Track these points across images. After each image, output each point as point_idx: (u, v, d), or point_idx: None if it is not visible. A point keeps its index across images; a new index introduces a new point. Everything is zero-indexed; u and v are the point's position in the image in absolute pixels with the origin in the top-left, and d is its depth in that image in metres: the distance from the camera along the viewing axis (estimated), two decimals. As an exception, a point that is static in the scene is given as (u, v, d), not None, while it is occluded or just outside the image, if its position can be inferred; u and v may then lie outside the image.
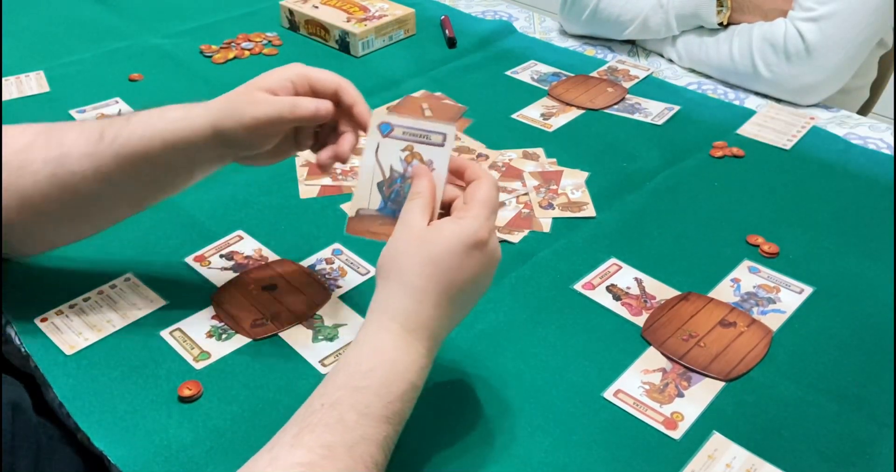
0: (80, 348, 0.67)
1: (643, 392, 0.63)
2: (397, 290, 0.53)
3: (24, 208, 0.64)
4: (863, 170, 0.91)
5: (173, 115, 0.63)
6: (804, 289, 0.73)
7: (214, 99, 0.63)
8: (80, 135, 0.63)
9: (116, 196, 0.66)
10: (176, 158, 0.63)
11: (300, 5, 1.23)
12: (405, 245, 0.54)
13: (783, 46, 1.00)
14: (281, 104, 0.60)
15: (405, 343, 0.52)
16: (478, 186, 0.56)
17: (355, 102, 0.62)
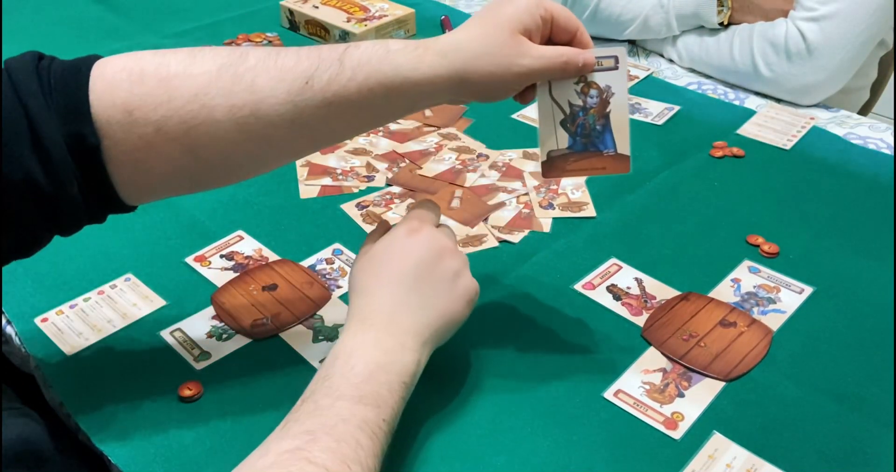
0: (80, 348, 0.67)
1: (643, 392, 0.63)
2: (353, 297, 0.59)
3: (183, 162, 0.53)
4: (863, 170, 0.91)
5: (402, 61, 0.53)
6: (804, 289, 0.73)
7: (451, 39, 0.54)
8: (279, 82, 0.52)
9: (314, 141, 0.58)
10: (400, 106, 0.56)
11: (300, 5, 1.23)
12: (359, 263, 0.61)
13: (784, 46, 1.00)
14: (551, 62, 0.55)
15: (360, 331, 0.56)
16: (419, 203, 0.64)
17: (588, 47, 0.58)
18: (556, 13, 0.56)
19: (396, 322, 0.56)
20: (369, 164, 0.92)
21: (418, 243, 0.58)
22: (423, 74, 0.53)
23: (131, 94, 0.51)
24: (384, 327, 0.55)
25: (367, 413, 0.51)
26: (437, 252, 0.58)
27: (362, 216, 0.83)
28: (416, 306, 0.57)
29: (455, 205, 0.85)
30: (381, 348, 0.54)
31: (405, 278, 0.57)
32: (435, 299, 0.57)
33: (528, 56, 0.54)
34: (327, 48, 0.54)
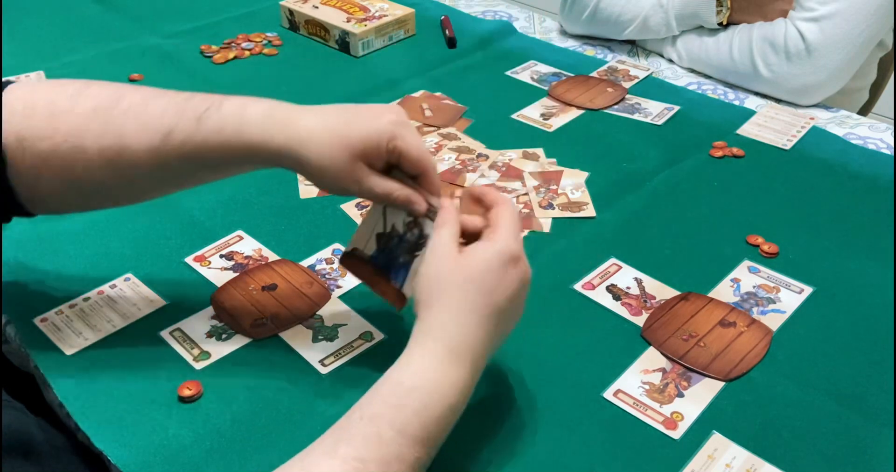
0: (81, 349, 0.67)
1: (643, 392, 0.63)
2: (440, 313, 0.53)
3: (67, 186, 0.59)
4: (863, 170, 0.91)
5: (252, 135, 0.58)
6: (804, 289, 0.73)
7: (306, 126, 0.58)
8: (143, 131, 0.57)
9: (173, 184, 0.63)
10: (253, 166, 0.62)
11: (300, 5, 1.23)
12: (443, 270, 0.54)
13: (783, 46, 1.00)
14: (379, 189, 0.57)
15: (448, 365, 0.52)
16: (500, 210, 0.58)
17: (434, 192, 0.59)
18: (406, 151, 0.57)
19: (480, 360, 0.54)
20: (369, 164, 0.92)
21: (517, 276, 0.55)
22: (270, 153, 0.58)
23: (22, 124, 0.57)
24: (470, 367, 0.53)
25: (422, 454, 0.49)
26: (526, 284, 0.57)
27: (362, 216, 0.83)
28: (497, 341, 0.56)
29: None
30: (463, 391, 0.52)
31: (499, 315, 0.54)
32: (509, 327, 0.57)
33: (358, 183, 0.57)
34: (194, 103, 0.58)
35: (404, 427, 0.49)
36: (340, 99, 1.06)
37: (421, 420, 0.49)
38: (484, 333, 0.53)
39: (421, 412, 0.50)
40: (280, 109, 0.60)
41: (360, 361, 0.66)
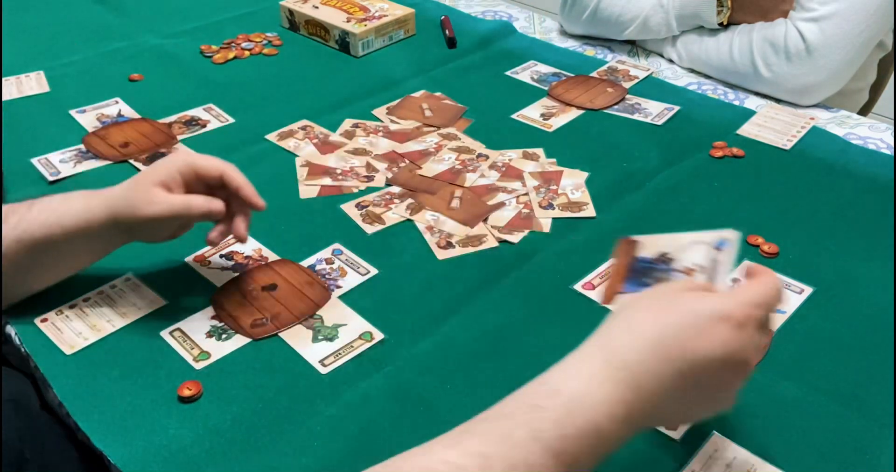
0: (80, 348, 0.67)
1: (643, 392, 0.63)
2: (617, 322, 0.49)
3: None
4: (863, 170, 0.91)
5: (74, 205, 0.66)
6: (804, 289, 0.73)
7: (113, 189, 0.67)
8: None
9: (19, 275, 0.67)
10: (76, 245, 0.67)
11: (300, 5, 1.23)
12: (657, 294, 0.50)
13: (784, 46, 1.00)
14: (176, 204, 0.65)
15: (605, 379, 0.46)
16: (757, 277, 0.51)
17: (240, 186, 0.66)
18: (199, 164, 0.67)
19: (642, 402, 0.46)
20: (369, 164, 0.92)
21: (736, 343, 0.46)
22: (88, 216, 0.65)
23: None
24: (627, 394, 0.46)
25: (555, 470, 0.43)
26: (741, 363, 0.47)
27: (362, 216, 0.83)
28: (679, 400, 0.47)
29: (455, 205, 0.85)
30: (611, 415, 0.45)
31: (685, 367, 0.46)
32: (700, 402, 0.49)
33: (158, 203, 0.64)
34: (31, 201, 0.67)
35: (539, 433, 0.43)
36: (340, 99, 1.07)
37: (558, 430, 0.44)
38: (659, 373, 0.46)
39: (560, 421, 0.44)
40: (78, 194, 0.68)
41: (360, 361, 0.66)
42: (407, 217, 0.83)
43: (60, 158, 0.92)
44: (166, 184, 0.66)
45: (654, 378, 0.46)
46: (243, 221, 0.69)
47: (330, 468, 0.57)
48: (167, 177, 0.66)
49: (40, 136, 0.97)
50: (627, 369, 0.46)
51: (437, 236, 0.80)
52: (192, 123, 1.00)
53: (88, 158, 0.92)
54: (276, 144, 0.96)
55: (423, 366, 0.66)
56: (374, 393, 0.63)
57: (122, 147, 0.94)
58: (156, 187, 0.65)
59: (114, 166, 0.91)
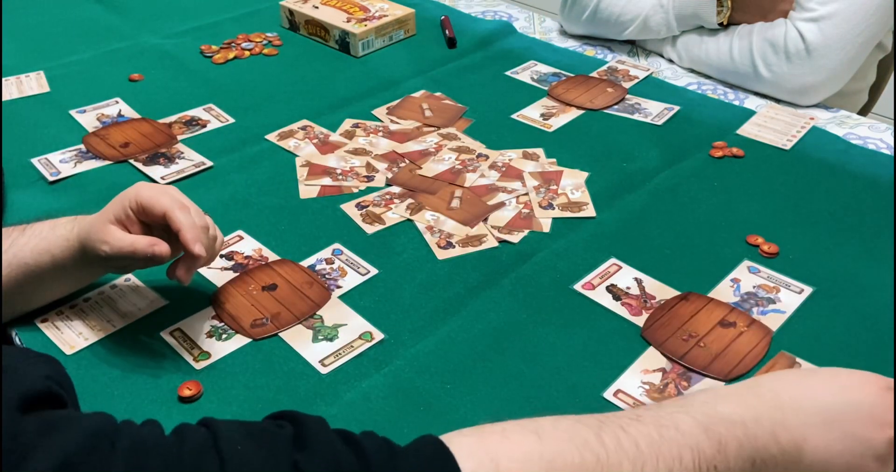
0: (80, 348, 0.67)
1: (643, 392, 0.63)
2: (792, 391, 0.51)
3: None
4: (863, 170, 0.91)
5: (61, 232, 0.66)
6: (804, 289, 0.73)
7: (87, 219, 0.66)
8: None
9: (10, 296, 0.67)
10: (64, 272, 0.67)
11: (300, 5, 1.23)
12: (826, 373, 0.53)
13: (783, 47, 1.00)
14: (122, 244, 0.63)
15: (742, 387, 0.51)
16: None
17: (180, 229, 0.62)
18: (144, 202, 0.64)
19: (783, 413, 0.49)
20: (369, 164, 0.92)
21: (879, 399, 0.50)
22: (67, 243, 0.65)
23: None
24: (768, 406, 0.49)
25: (704, 443, 0.46)
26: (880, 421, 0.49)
27: (362, 216, 0.83)
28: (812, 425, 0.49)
29: (455, 205, 0.85)
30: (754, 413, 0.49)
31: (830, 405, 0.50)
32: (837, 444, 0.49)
33: (106, 243, 0.63)
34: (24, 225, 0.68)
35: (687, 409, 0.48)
36: (340, 99, 1.07)
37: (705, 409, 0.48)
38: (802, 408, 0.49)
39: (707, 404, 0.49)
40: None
41: (360, 361, 0.66)
42: (407, 217, 0.83)
43: (60, 158, 0.92)
44: (121, 221, 0.64)
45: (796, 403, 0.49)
46: (185, 263, 0.64)
47: (330, 468, 0.57)
48: (121, 214, 0.64)
49: (40, 136, 0.97)
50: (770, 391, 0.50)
51: (437, 235, 0.80)
52: (192, 123, 1.00)
53: (88, 158, 0.92)
54: (276, 144, 0.96)
55: (423, 366, 0.66)
56: (374, 393, 0.63)
57: (122, 147, 0.94)
58: (111, 225, 0.64)
59: (114, 166, 0.91)
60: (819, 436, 0.49)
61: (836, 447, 0.49)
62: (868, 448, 0.49)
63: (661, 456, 0.45)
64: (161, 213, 0.63)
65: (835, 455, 0.49)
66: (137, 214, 0.64)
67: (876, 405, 0.49)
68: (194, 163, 0.91)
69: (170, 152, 0.93)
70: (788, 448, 0.48)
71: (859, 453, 0.49)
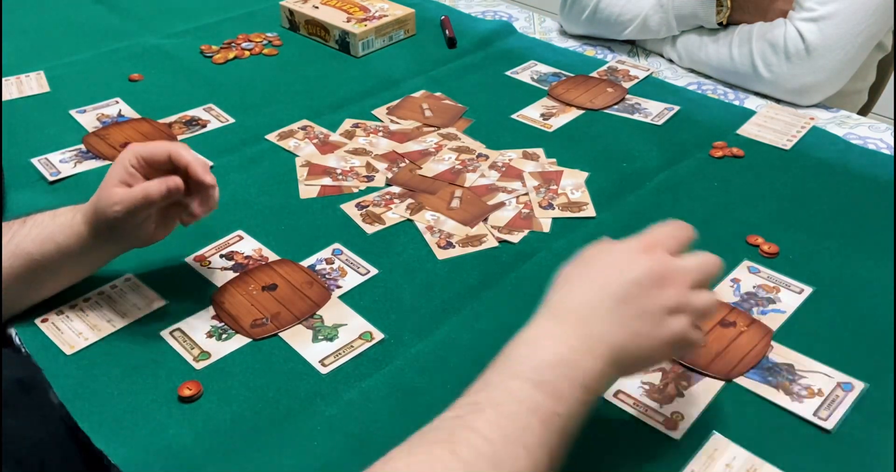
0: (80, 348, 0.67)
1: (643, 392, 0.63)
2: (552, 291, 0.56)
3: None
4: (863, 170, 0.91)
5: (63, 221, 0.68)
6: (804, 289, 0.73)
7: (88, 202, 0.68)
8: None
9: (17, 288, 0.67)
10: (70, 259, 0.68)
11: (300, 5, 1.23)
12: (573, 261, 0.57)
13: (783, 46, 1.00)
14: (134, 195, 0.64)
15: (549, 325, 0.53)
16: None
17: (188, 163, 0.65)
18: (143, 153, 0.66)
19: (588, 326, 0.52)
20: (369, 164, 0.92)
21: (645, 261, 0.53)
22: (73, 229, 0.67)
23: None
24: (574, 326, 0.52)
25: (540, 398, 0.48)
26: (660, 279, 0.53)
27: (362, 216, 0.83)
28: (616, 319, 0.52)
29: (455, 205, 0.85)
30: (568, 344, 0.50)
31: (614, 290, 0.52)
32: (634, 324, 0.52)
33: (117, 202, 0.65)
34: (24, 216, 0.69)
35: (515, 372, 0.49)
36: (341, 99, 1.07)
37: (530, 364, 0.49)
38: (594, 304, 0.52)
39: (528, 357, 0.50)
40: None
41: (360, 361, 0.66)
42: (407, 217, 0.83)
43: (60, 158, 0.92)
44: (125, 182, 0.65)
45: (587, 303, 0.53)
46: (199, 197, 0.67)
47: (330, 468, 0.57)
48: (123, 174, 0.65)
49: (40, 136, 0.97)
50: (570, 311, 0.53)
51: (437, 235, 0.80)
52: (192, 123, 1.00)
53: (88, 158, 0.92)
54: (276, 144, 0.96)
55: (423, 366, 0.66)
56: (374, 393, 0.63)
57: (122, 147, 0.94)
58: (115, 188, 0.65)
59: (114, 166, 0.91)
60: (620, 328, 0.52)
61: (635, 327, 0.52)
62: (660, 309, 0.52)
63: (510, 437, 0.46)
64: (166, 155, 0.65)
65: (640, 336, 0.52)
66: (140, 169, 0.66)
67: (650, 271, 0.53)
68: (194, 163, 0.91)
69: (170, 152, 0.93)
70: (606, 355, 0.51)
71: (657, 321, 0.52)
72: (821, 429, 0.60)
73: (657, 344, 0.53)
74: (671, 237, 0.57)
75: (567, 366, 0.49)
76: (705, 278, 0.55)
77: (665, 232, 0.57)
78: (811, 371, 0.65)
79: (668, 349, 0.54)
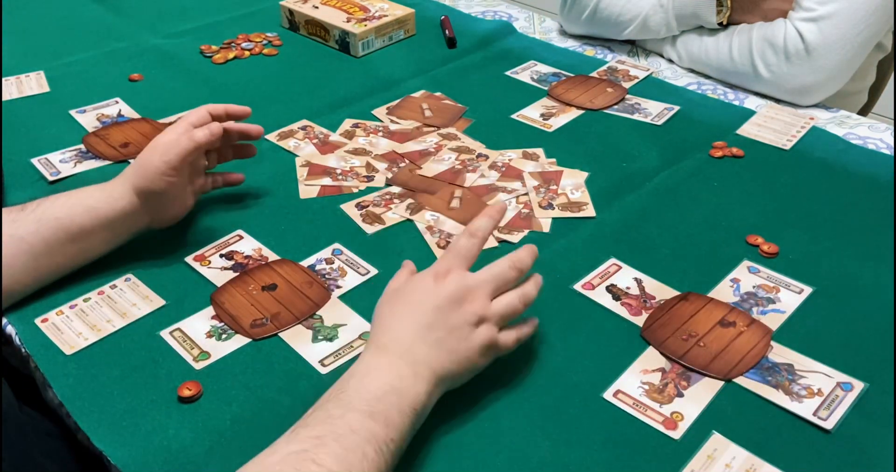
0: (80, 348, 0.67)
1: (643, 392, 0.63)
2: (373, 327, 0.62)
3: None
4: (863, 170, 0.91)
5: (92, 190, 0.73)
6: (804, 289, 0.73)
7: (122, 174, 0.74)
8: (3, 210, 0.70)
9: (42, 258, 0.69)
10: (99, 226, 0.71)
11: (300, 5, 1.23)
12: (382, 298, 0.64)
13: (783, 47, 1.00)
14: (181, 140, 0.72)
15: (377, 356, 0.58)
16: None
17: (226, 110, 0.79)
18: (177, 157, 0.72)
19: (412, 353, 0.58)
20: (369, 164, 0.92)
21: (442, 288, 0.60)
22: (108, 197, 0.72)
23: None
24: (400, 355, 0.57)
25: (376, 429, 0.52)
26: (458, 299, 0.60)
27: (362, 216, 0.83)
28: (431, 343, 0.58)
29: (455, 205, 0.85)
30: (396, 373, 0.56)
31: (421, 319, 0.59)
32: (447, 344, 0.59)
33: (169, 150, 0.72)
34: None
35: (348, 405, 0.53)
36: (340, 99, 1.07)
37: (361, 397, 0.54)
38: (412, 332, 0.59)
39: (360, 391, 0.55)
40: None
41: (359, 361, 0.66)
42: (407, 217, 0.83)
43: (60, 158, 0.92)
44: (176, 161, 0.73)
45: (404, 334, 0.59)
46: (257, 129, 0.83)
47: (330, 468, 0.57)
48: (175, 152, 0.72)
49: (40, 136, 0.97)
50: (392, 343, 0.59)
51: (437, 236, 0.80)
52: (192, 123, 1.00)
53: (88, 158, 0.92)
54: (276, 144, 0.96)
55: (422, 366, 0.66)
56: (373, 393, 0.63)
57: (122, 147, 0.94)
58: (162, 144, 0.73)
59: (114, 166, 0.91)
60: (437, 351, 0.58)
61: (449, 346, 0.58)
62: (464, 324, 0.59)
63: (353, 468, 0.50)
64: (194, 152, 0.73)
65: (455, 353, 0.59)
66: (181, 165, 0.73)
67: (447, 296, 0.60)
68: (194, 163, 0.91)
69: (170, 152, 0.93)
70: (431, 377, 0.57)
71: (465, 336, 0.59)
72: (821, 429, 0.60)
73: (471, 354, 0.60)
74: (460, 257, 0.63)
75: (397, 394, 0.55)
76: (502, 284, 0.63)
77: (454, 253, 0.63)
78: (811, 371, 0.65)
79: (481, 356, 0.61)
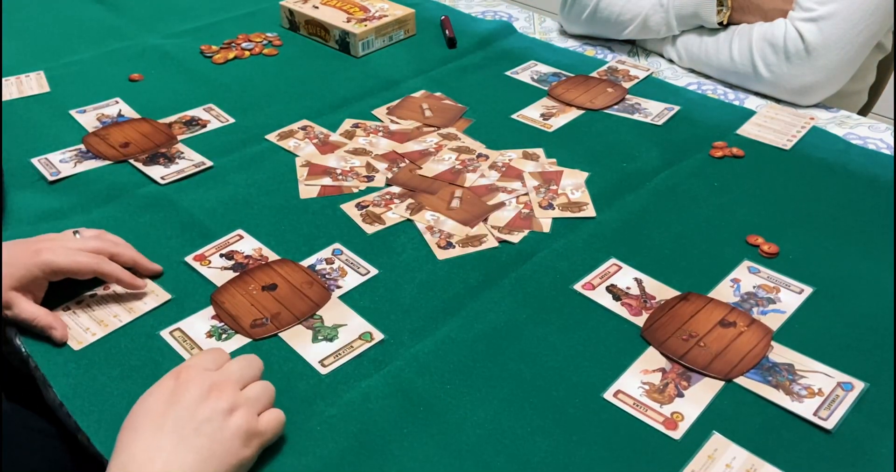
0: (81, 347, 0.67)
1: (643, 392, 0.63)
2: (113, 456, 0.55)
3: None
4: (863, 170, 0.91)
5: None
6: (804, 289, 0.73)
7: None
8: None
9: None
10: None
11: (300, 5, 1.23)
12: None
13: (783, 47, 1.00)
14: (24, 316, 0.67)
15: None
16: None
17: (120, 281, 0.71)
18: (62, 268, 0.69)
19: (170, 468, 0.52)
20: (369, 164, 0.92)
21: (180, 385, 0.56)
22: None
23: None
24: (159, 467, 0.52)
25: None
26: (205, 393, 0.55)
27: (362, 216, 0.83)
28: (186, 451, 0.53)
29: (455, 205, 0.85)
30: None
31: (162, 423, 0.54)
32: (199, 442, 0.53)
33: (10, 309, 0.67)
34: None
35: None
36: (340, 99, 1.07)
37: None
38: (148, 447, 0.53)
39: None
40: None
41: (359, 361, 0.66)
42: (407, 217, 0.83)
43: (60, 158, 0.92)
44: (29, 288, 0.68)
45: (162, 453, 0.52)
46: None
47: (330, 468, 0.57)
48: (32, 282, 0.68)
49: (40, 136, 0.97)
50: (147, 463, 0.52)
51: (437, 235, 0.80)
52: (192, 123, 1.00)
53: (88, 158, 0.92)
54: (276, 144, 0.96)
55: (423, 366, 0.66)
56: (374, 393, 0.63)
57: (122, 147, 0.94)
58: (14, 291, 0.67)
59: (114, 166, 0.91)
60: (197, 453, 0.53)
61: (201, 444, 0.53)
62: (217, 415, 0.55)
63: None
64: (90, 274, 0.70)
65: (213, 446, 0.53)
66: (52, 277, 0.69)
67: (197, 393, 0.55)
68: (194, 163, 0.91)
69: (170, 152, 0.93)
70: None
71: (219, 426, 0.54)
72: (821, 429, 0.60)
73: (230, 445, 0.54)
74: (206, 360, 0.59)
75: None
76: (250, 373, 0.60)
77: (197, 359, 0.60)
78: (811, 371, 0.65)
79: (242, 443, 0.55)
